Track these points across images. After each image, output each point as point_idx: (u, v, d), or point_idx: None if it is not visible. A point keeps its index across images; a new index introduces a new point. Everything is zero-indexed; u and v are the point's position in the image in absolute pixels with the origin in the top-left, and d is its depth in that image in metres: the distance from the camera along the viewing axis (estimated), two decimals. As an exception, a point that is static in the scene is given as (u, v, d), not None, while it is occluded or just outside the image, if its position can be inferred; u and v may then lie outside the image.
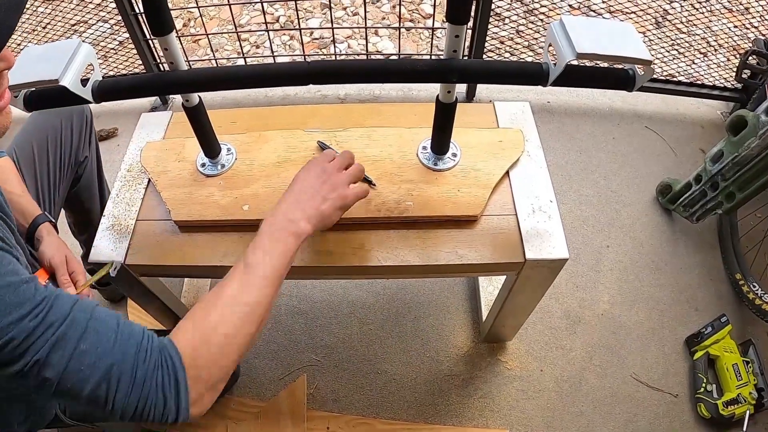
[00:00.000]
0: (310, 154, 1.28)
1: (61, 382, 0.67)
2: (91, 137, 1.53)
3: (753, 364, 1.69)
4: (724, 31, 2.69)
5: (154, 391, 0.70)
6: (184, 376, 0.73)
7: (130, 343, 0.71)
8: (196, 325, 0.78)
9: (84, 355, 0.67)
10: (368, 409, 1.67)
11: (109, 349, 0.69)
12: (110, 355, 0.69)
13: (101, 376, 0.68)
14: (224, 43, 2.95)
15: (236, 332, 0.80)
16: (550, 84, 0.93)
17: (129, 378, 0.69)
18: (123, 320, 0.74)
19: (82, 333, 0.68)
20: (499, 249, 1.15)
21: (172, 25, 0.96)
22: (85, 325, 0.69)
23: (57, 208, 1.44)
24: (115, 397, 0.69)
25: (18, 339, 0.64)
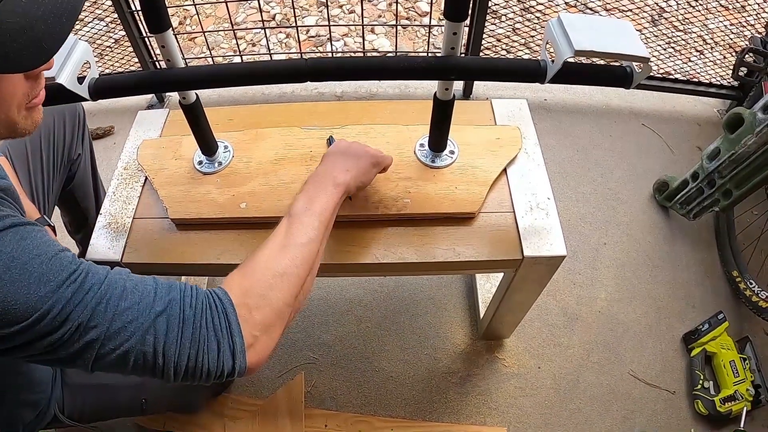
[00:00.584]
0: (307, 151, 1.28)
1: (105, 343, 0.67)
2: (84, 135, 1.52)
3: (750, 360, 1.69)
4: (720, 28, 2.69)
5: (206, 334, 0.71)
6: (234, 315, 0.73)
7: (172, 292, 0.72)
8: (243, 268, 0.79)
9: (126, 312, 0.68)
10: (366, 407, 1.67)
11: (151, 302, 0.70)
12: (153, 307, 0.69)
13: (146, 328, 0.68)
14: (220, 41, 2.95)
15: (285, 271, 0.80)
16: (548, 81, 0.93)
17: (177, 322, 0.70)
18: (158, 278, 0.75)
19: (122, 292, 0.69)
20: (496, 246, 1.15)
21: (169, 22, 0.95)
22: (123, 285, 0.70)
23: (51, 207, 1.43)
24: (164, 347, 0.69)
25: (57, 307, 0.64)
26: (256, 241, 1.17)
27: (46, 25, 0.62)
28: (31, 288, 0.64)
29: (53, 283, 0.65)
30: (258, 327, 0.75)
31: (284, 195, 1.20)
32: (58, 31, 0.64)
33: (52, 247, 0.69)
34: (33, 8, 0.61)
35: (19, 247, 0.66)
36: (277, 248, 0.83)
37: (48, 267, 0.66)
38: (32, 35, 0.61)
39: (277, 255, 0.82)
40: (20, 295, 0.63)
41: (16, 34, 0.60)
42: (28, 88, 0.71)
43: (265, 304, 0.77)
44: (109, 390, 1.24)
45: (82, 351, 0.67)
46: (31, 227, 0.70)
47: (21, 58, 0.62)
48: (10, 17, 0.59)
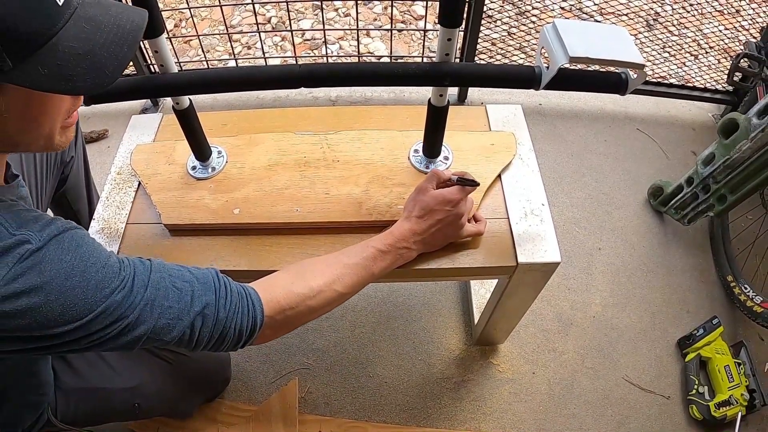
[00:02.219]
0: (301, 157, 1.27)
1: (151, 336, 0.77)
2: (77, 137, 1.52)
3: (744, 365, 1.69)
4: (715, 33, 2.70)
5: (234, 330, 0.84)
6: (261, 324, 0.86)
7: (208, 291, 0.82)
8: (289, 287, 0.91)
9: (170, 310, 0.78)
10: (360, 413, 1.66)
11: (189, 302, 0.80)
12: (192, 307, 0.80)
13: (187, 324, 0.79)
14: (215, 43, 2.94)
15: (319, 307, 0.94)
16: (543, 87, 0.93)
17: (212, 321, 0.81)
18: (194, 270, 0.85)
19: (165, 292, 0.79)
20: (491, 253, 1.15)
21: (162, 27, 0.95)
22: (165, 284, 0.79)
23: (44, 210, 1.42)
24: (198, 338, 0.81)
25: (110, 309, 0.73)
26: (249, 247, 1.17)
27: (108, 52, 0.67)
28: (89, 293, 0.71)
29: (107, 289, 0.73)
30: (273, 334, 0.92)
31: (277, 201, 1.19)
32: (120, 58, 0.68)
33: (103, 252, 0.76)
34: (96, 35, 0.66)
35: (77, 255, 0.72)
36: (327, 286, 0.94)
37: (103, 274, 0.73)
38: (95, 61, 0.66)
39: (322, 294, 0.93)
40: (78, 299, 0.70)
41: (80, 58, 0.64)
42: (71, 106, 0.77)
43: (290, 325, 0.93)
44: (103, 394, 1.23)
45: (130, 343, 0.76)
46: (81, 231, 0.77)
47: (83, 82, 0.65)
48: (73, 42, 0.64)
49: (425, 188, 1.05)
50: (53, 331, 0.69)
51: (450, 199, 1.03)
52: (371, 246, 1.01)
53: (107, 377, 1.24)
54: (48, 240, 0.70)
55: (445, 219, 1.04)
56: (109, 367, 1.25)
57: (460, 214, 1.05)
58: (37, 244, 0.69)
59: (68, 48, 0.63)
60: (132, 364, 1.29)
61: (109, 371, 1.25)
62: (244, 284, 0.88)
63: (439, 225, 1.05)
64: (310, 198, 1.19)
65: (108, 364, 1.25)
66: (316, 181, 1.22)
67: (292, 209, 1.18)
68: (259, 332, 0.87)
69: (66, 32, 0.63)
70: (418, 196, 1.05)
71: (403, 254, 1.04)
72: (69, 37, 0.63)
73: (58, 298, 0.68)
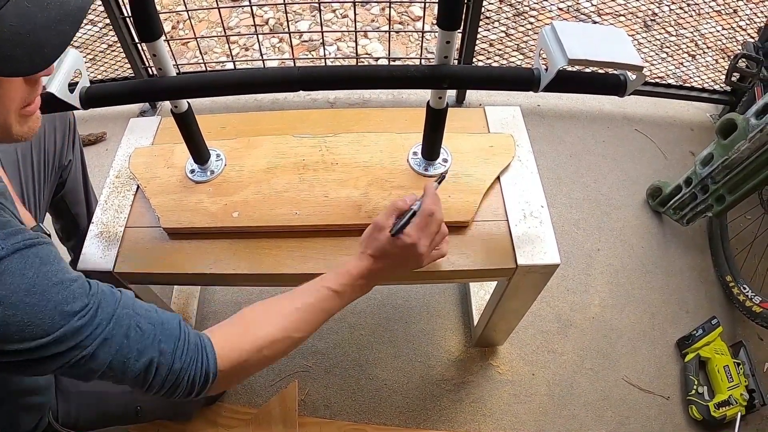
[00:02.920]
0: (300, 159, 1.27)
1: (106, 372, 0.74)
2: (75, 141, 1.51)
3: (744, 365, 1.69)
4: (712, 33, 2.70)
5: (186, 381, 0.80)
6: (215, 377, 0.82)
7: (169, 339, 0.79)
8: (242, 342, 0.86)
9: (128, 349, 0.75)
10: (360, 415, 1.66)
11: (150, 344, 0.77)
12: (151, 350, 0.77)
13: (142, 367, 0.76)
14: (213, 45, 2.94)
15: (275, 356, 0.89)
16: (542, 90, 0.93)
17: (166, 370, 0.78)
18: (160, 313, 0.82)
19: (127, 330, 0.75)
20: (490, 255, 1.15)
21: (160, 30, 0.95)
22: (128, 323, 0.76)
23: (42, 213, 1.42)
24: (152, 383, 0.78)
25: (68, 335, 0.70)
26: (248, 250, 1.17)
27: (48, 32, 0.64)
28: (47, 314, 0.68)
29: (67, 314, 0.70)
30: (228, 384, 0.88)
31: (276, 204, 1.19)
32: (61, 37, 0.66)
33: (68, 274, 0.73)
34: (36, 13, 0.63)
35: (40, 272, 0.69)
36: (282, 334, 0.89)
37: (64, 296, 0.70)
38: (35, 40, 0.63)
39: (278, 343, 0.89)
40: (37, 318, 0.67)
41: (19, 38, 0.61)
42: (26, 93, 0.72)
43: (245, 374, 0.89)
44: (104, 397, 1.23)
45: (86, 374, 0.74)
46: (48, 248, 0.74)
47: (22, 63, 0.63)
48: (13, 21, 0.61)
49: (382, 227, 0.97)
50: (7, 348, 0.67)
51: (406, 244, 0.96)
52: (325, 287, 0.95)
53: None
54: (12, 252, 0.68)
55: (401, 260, 0.98)
56: None
57: (419, 255, 0.97)
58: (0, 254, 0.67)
59: (8, 27, 0.60)
60: None
61: None
62: (201, 334, 0.85)
63: (395, 264, 0.99)
64: (309, 201, 1.19)
65: None
66: (315, 184, 1.22)
67: (291, 212, 1.18)
68: (211, 385, 0.83)
69: (7, 10, 0.60)
70: (374, 234, 0.98)
71: (360, 291, 1.00)
72: (10, 15, 0.60)
73: (15, 313, 0.66)
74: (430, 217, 0.97)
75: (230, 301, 1.89)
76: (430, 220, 0.97)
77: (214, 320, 1.84)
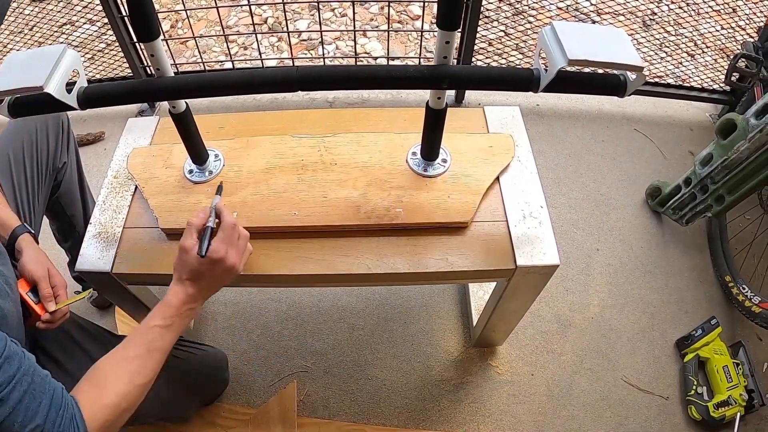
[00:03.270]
0: (298, 160, 1.27)
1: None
2: (69, 142, 1.51)
3: (743, 365, 1.69)
4: (711, 32, 2.70)
5: None
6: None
7: (53, 410, 0.80)
8: (99, 401, 0.88)
9: (18, 414, 0.76)
10: (359, 416, 1.66)
11: (38, 412, 0.78)
12: (38, 418, 0.77)
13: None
14: (212, 44, 2.93)
15: (132, 406, 0.93)
16: (541, 90, 0.93)
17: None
18: (51, 381, 0.83)
19: (22, 395, 0.77)
20: (489, 256, 1.14)
21: (158, 31, 0.94)
22: (26, 388, 0.77)
23: (38, 216, 1.42)
24: None
25: None
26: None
27: None
28: None
29: None
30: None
31: (275, 204, 1.19)
32: None
33: None
34: None
35: None
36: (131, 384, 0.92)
37: None
38: None
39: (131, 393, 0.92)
40: None
41: None
42: None
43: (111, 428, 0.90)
44: None
45: None
46: None
47: None
48: None
49: (188, 249, 1.00)
50: None
51: (215, 259, 0.99)
52: (153, 326, 0.98)
53: None
54: None
55: (215, 274, 1.01)
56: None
57: (231, 266, 1.01)
58: None
59: None
60: None
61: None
62: (71, 399, 0.86)
63: (212, 280, 1.02)
64: (308, 201, 1.19)
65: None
66: (314, 185, 1.22)
67: (290, 213, 1.17)
68: None
69: None
70: (183, 258, 1.01)
71: (190, 315, 1.02)
72: None
73: None
74: (233, 230, 1.02)
75: (229, 301, 1.89)
76: (233, 232, 1.02)
77: (213, 321, 1.84)
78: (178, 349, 1.43)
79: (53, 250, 1.80)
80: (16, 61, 0.92)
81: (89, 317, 1.38)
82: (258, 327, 1.83)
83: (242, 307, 1.87)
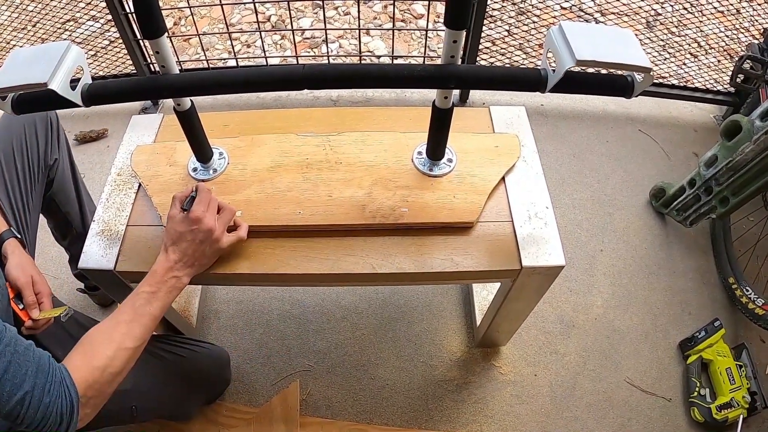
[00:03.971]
0: (303, 158, 1.26)
1: None
2: (59, 139, 1.50)
3: (746, 368, 1.68)
4: (715, 33, 2.69)
5: (56, 414, 0.85)
6: (77, 404, 0.88)
7: (40, 376, 0.84)
8: (89, 363, 0.92)
9: (6, 383, 0.79)
10: (361, 415, 1.66)
11: (25, 380, 0.82)
12: (25, 385, 0.81)
13: (17, 401, 0.80)
14: (215, 42, 2.93)
15: (121, 370, 0.96)
16: (549, 90, 0.92)
17: (38, 403, 0.82)
18: (35, 350, 0.87)
19: (7, 365, 0.80)
20: (495, 256, 1.14)
21: (164, 27, 0.94)
22: (9, 359, 0.81)
23: (34, 214, 1.42)
24: (26, 416, 0.82)
25: None
26: (251, 249, 1.16)
27: None
28: None
29: None
30: (92, 408, 0.93)
31: (280, 203, 1.18)
32: None
33: None
34: None
35: None
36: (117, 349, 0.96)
37: None
38: None
39: (117, 358, 0.95)
40: None
41: None
42: None
43: (102, 395, 0.94)
44: None
45: None
46: None
47: None
48: None
49: (171, 215, 1.08)
50: None
51: (192, 219, 1.05)
52: (140, 291, 1.03)
53: None
54: None
55: (195, 239, 1.06)
56: None
57: (208, 229, 1.06)
58: None
59: None
60: None
61: None
62: (60, 366, 0.89)
63: (192, 245, 1.06)
64: (313, 200, 1.18)
65: None
66: (318, 183, 1.21)
67: (294, 212, 1.17)
68: (78, 413, 0.88)
69: None
70: (169, 225, 1.08)
71: (175, 284, 1.06)
72: None
73: None
74: (209, 193, 1.10)
75: (232, 300, 1.88)
76: (209, 195, 1.09)
77: (216, 319, 1.84)
78: (179, 347, 1.43)
79: (54, 247, 1.80)
80: (20, 58, 0.91)
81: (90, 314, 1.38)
82: (261, 326, 1.82)
83: (245, 306, 1.87)
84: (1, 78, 0.88)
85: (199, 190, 1.09)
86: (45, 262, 1.96)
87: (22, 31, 2.78)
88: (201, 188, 1.09)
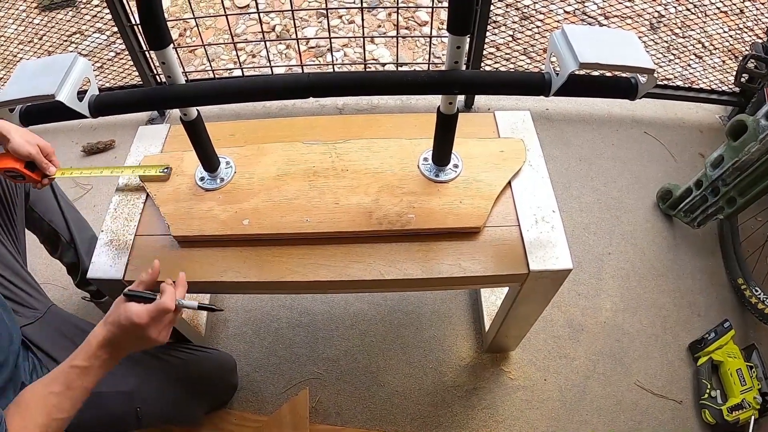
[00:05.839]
0: (310, 166, 1.27)
1: None
2: None
3: (757, 368, 1.68)
4: (719, 33, 2.69)
5: None
6: None
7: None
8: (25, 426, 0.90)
9: None
10: (371, 422, 1.66)
11: None
12: None
13: None
14: (221, 52, 2.94)
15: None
16: (553, 94, 0.93)
17: None
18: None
19: None
20: (502, 260, 1.14)
21: (169, 38, 0.95)
22: None
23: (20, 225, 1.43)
24: None
25: None
26: (259, 258, 1.16)
27: None
28: None
29: None
30: None
31: (287, 211, 1.19)
32: None
33: None
34: None
35: None
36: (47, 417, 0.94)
37: None
38: None
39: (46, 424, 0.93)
40: None
41: None
42: None
43: None
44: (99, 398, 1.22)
45: None
46: None
47: None
48: None
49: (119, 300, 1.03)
50: None
51: (137, 324, 0.99)
52: (73, 365, 0.98)
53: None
54: None
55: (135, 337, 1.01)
56: None
57: (149, 338, 1.01)
58: None
59: None
60: (125, 365, 1.26)
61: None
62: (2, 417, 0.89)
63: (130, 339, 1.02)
64: (320, 208, 1.19)
65: None
66: (325, 191, 1.22)
67: (301, 219, 1.17)
68: None
69: None
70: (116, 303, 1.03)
71: (105, 362, 1.01)
72: None
73: None
74: (164, 314, 1.01)
75: (240, 308, 1.89)
76: (163, 315, 1.01)
77: (225, 327, 1.85)
78: (183, 352, 1.43)
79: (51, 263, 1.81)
80: (27, 70, 0.93)
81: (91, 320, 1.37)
82: (270, 334, 1.83)
83: (254, 314, 1.87)
84: (10, 90, 0.89)
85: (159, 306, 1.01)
86: (53, 273, 1.97)
87: (28, 44, 2.81)
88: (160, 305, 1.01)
